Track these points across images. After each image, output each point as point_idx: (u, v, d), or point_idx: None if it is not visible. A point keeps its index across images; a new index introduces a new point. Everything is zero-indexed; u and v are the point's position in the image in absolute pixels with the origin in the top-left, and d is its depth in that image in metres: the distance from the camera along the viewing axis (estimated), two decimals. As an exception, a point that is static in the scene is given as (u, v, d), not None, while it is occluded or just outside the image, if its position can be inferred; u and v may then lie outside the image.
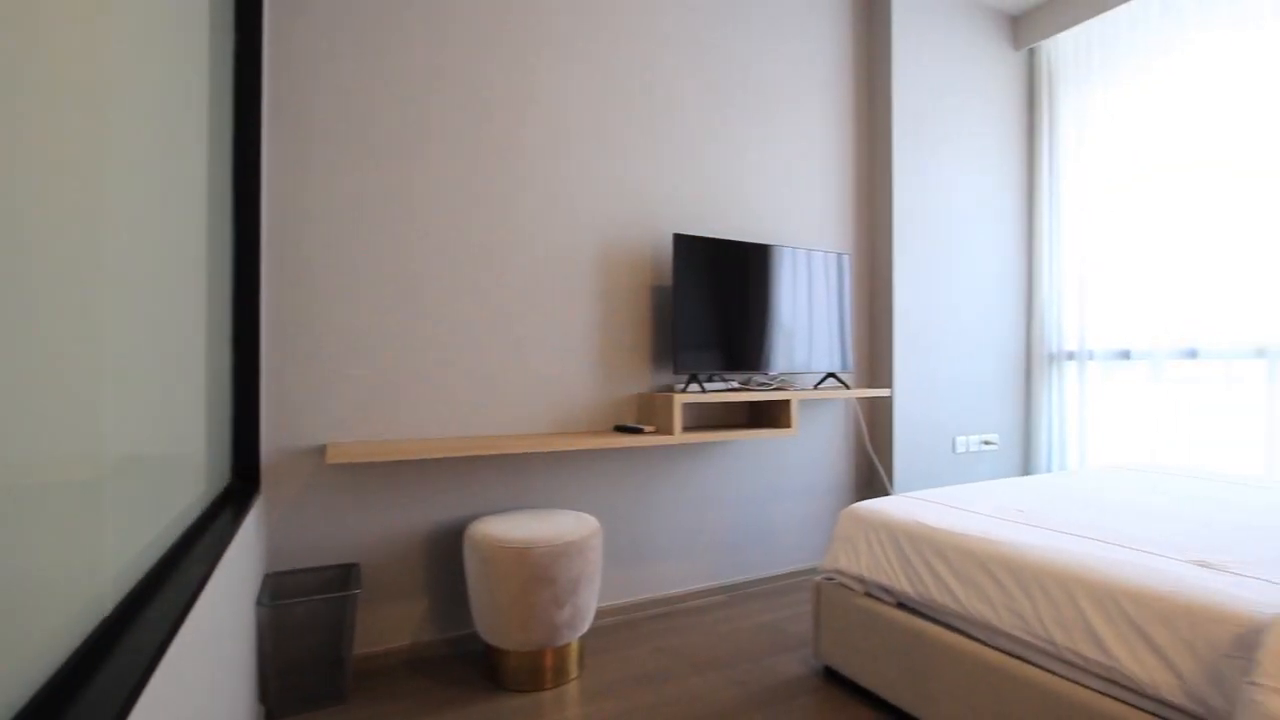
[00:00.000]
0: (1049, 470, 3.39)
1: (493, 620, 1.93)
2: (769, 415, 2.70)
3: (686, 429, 2.56)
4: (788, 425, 2.60)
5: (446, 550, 2.22)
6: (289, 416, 1.99)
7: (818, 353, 2.78)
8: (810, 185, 3.01)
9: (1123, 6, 2.99)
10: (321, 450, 2.04)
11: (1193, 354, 2.84)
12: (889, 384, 3.06)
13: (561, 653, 1.99)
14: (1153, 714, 1.23)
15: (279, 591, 1.91)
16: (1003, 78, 3.44)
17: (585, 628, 2.03)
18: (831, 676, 2.01)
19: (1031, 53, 3.51)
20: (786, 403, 2.61)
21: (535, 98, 2.37)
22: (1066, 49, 3.35)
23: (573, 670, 2.02)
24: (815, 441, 3.03)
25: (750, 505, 2.85)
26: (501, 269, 2.31)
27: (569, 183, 2.43)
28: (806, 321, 2.75)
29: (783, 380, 2.79)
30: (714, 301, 2.52)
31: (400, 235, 2.16)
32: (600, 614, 2.48)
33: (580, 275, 2.45)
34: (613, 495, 2.53)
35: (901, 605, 1.78)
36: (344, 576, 2.01)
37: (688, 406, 2.67)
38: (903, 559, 1.76)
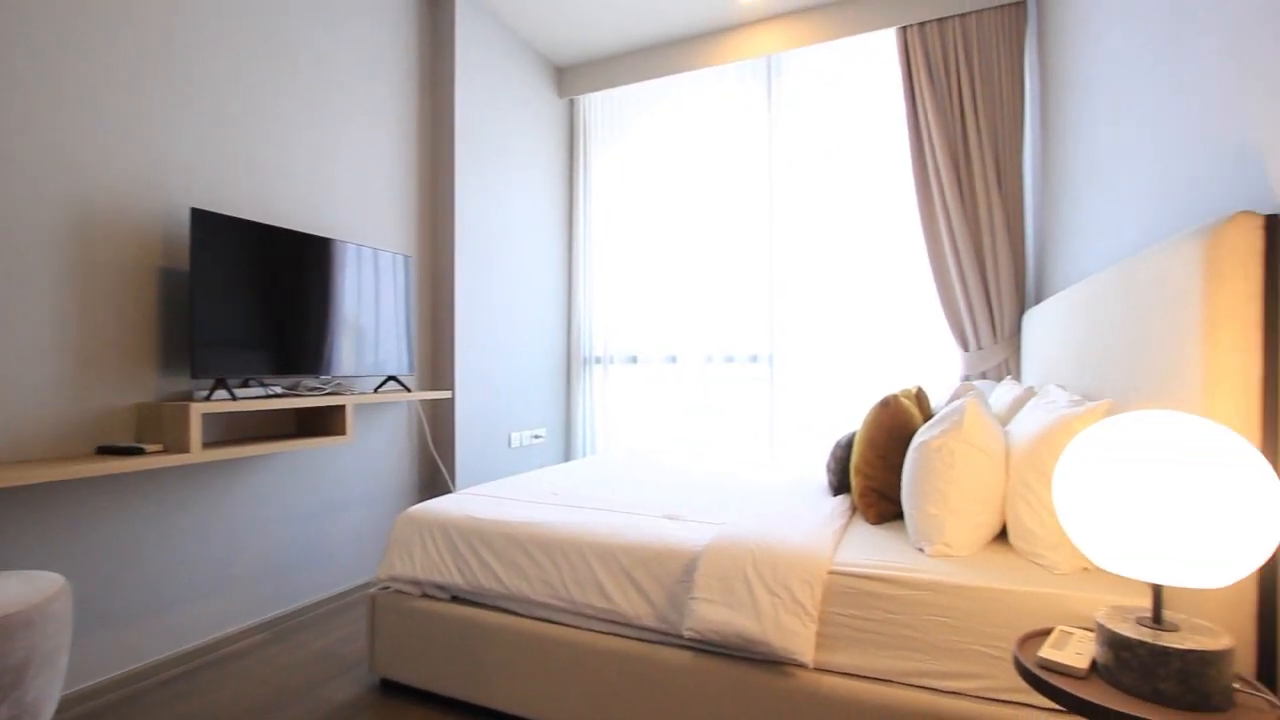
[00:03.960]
0: (584, 456, 4.04)
1: None
2: (321, 423, 2.48)
3: (212, 444, 2.14)
4: (343, 432, 2.44)
5: None
6: None
7: (382, 355, 2.68)
8: (374, 185, 2.89)
9: (632, 85, 3.79)
10: None
11: (673, 359, 3.79)
12: (451, 385, 3.17)
13: (-4, 772, 1.42)
14: (639, 639, 1.59)
15: None
16: (550, 118, 3.95)
17: (42, 726, 1.50)
18: (390, 688, 1.97)
19: (572, 103, 4.13)
20: (342, 408, 2.44)
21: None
22: (596, 106, 4.05)
23: (18, 790, 1.47)
24: (376, 447, 2.92)
25: (301, 524, 2.56)
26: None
27: (11, 118, 1.76)
28: (372, 322, 2.63)
29: (338, 384, 2.61)
30: (254, 295, 2.18)
31: None
32: (80, 698, 1.87)
33: (37, 247, 1.81)
34: (98, 539, 1.94)
35: (455, 599, 1.86)
36: None
37: (213, 418, 2.24)
38: (455, 553, 1.85)
